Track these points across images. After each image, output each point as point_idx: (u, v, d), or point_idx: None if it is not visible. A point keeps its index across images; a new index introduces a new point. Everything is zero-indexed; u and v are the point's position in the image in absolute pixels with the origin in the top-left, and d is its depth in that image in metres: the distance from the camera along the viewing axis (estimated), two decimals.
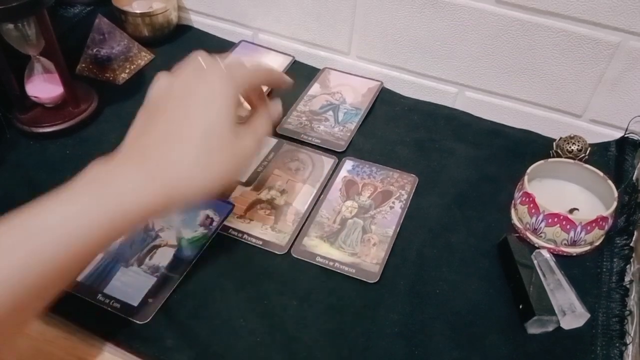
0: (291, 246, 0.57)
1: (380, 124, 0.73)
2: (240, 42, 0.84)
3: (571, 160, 0.62)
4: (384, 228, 0.59)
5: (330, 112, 0.73)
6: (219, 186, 0.44)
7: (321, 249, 0.56)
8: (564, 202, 0.58)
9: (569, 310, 0.50)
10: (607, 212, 0.55)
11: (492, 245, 0.58)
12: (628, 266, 0.56)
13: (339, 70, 0.80)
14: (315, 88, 0.77)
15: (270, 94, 0.71)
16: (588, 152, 0.64)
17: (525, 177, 0.59)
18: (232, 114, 0.44)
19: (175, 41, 0.85)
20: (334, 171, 0.65)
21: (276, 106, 0.54)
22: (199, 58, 0.46)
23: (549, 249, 0.56)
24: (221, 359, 0.48)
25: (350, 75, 0.80)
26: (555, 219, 0.55)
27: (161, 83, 0.46)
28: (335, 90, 0.77)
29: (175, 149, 0.42)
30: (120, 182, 0.40)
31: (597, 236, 0.57)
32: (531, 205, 0.57)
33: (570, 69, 0.67)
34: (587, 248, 0.57)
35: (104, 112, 0.71)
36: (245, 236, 0.57)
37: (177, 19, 0.86)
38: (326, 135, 0.70)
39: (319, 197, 0.62)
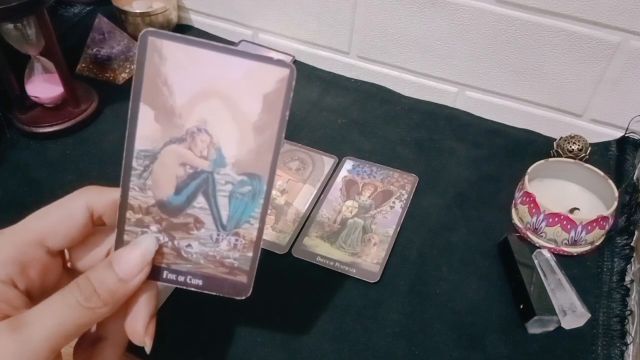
0: (291, 246, 0.57)
1: (380, 123, 0.73)
2: (240, 41, 0.84)
3: (572, 160, 0.62)
4: (385, 228, 0.59)
5: (201, 202, 0.33)
6: None
7: (321, 248, 0.56)
8: (564, 202, 0.58)
9: (570, 310, 0.50)
10: (608, 211, 0.55)
11: (492, 245, 0.58)
12: (629, 266, 0.56)
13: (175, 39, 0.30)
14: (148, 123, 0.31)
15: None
16: (588, 151, 0.64)
17: (526, 177, 0.59)
18: None
19: None
20: (334, 171, 0.65)
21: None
22: None
23: (549, 249, 0.56)
24: (222, 359, 0.48)
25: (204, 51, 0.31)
26: (556, 219, 0.55)
27: None
28: (195, 124, 0.32)
29: None
30: None
31: (597, 236, 0.56)
32: (532, 204, 0.57)
33: (571, 69, 0.67)
34: (588, 248, 0.57)
35: (104, 112, 0.71)
36: None
37: (177, 19, 0.86)
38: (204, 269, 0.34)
39: (320, 196, 0.62)
